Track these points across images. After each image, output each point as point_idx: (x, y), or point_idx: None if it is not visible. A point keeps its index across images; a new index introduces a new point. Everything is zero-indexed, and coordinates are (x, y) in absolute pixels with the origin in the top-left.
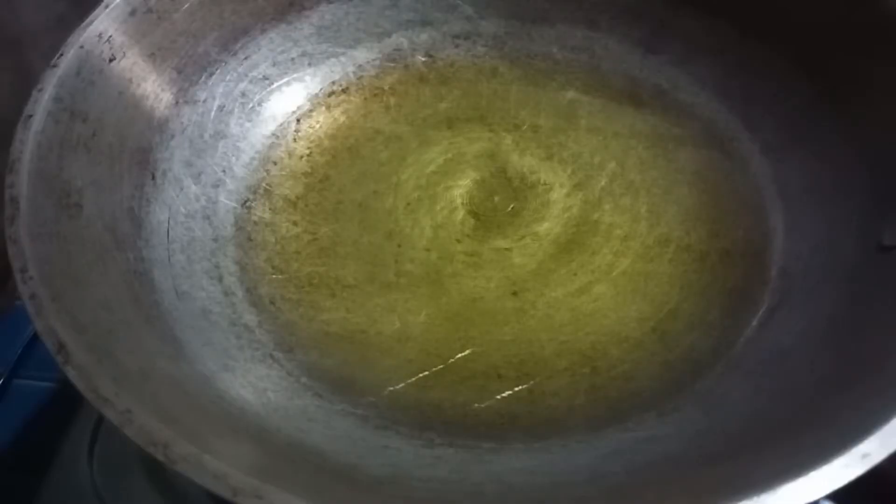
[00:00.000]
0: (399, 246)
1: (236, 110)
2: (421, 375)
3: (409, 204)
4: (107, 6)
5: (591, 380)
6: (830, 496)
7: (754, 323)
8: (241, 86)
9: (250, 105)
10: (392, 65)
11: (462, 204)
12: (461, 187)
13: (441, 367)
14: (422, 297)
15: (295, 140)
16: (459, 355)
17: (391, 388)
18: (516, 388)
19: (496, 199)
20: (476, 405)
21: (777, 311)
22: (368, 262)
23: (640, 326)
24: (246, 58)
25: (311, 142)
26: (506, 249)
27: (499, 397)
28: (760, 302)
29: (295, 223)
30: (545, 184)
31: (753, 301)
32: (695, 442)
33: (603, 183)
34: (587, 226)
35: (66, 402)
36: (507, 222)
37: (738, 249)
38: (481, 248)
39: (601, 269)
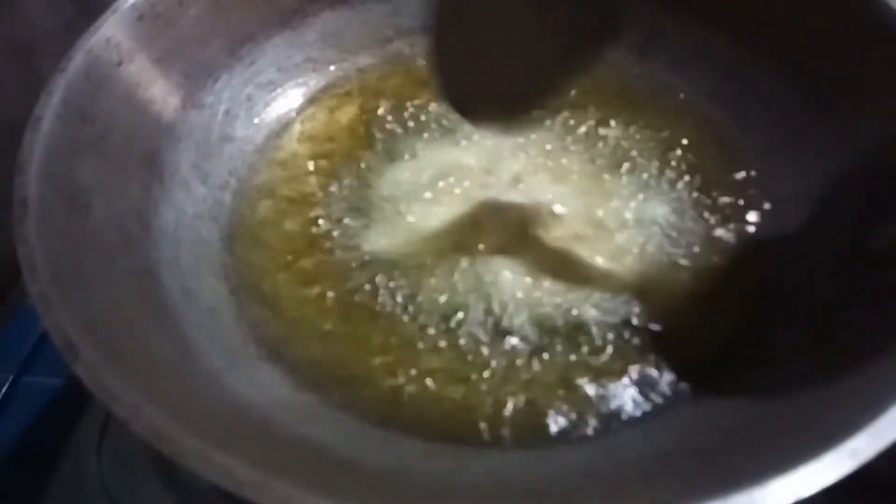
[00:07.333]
0: None
1: (242, 114)
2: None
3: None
4: (115, 11)
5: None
6: (825, 494)
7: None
8: (247, 90)
9: (255, 109)
10: (393, 68)
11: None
12: (462, 186)
13: (443, 364)
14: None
15: (299, 142)
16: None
17: (392, 383)
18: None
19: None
20: (476, 401)
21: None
22: None
23: (635, 325)
24: (252, 63)
25: (315, 143)
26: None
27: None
28: (750, 303)
29: (299, 223)
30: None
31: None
32: (687, 438)
33: (595, 184)
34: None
35: (74, 400)
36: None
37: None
38: (484, 241)
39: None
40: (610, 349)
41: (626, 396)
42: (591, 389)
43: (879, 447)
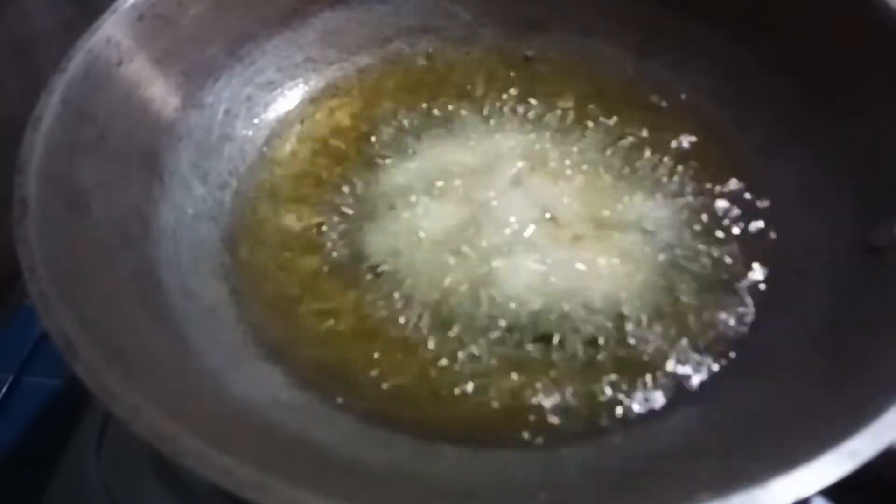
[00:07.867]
0: None
1: (242, 114)
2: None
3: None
4: (115, 11)
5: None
6: (826, 494)
7: (747, 322)
8: (247, 90)
9: (255, 109)
10: (393, 68)
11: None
12: (462, 187)
13: (443, 364)
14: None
15: (299, 142)
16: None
17: (392, 384)
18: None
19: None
20: (476, 401)
21: (769, 311)
22: None
23: (635, 326)
24: (251, 63)
25: (315, 143)
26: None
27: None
28: (752, 302)
29: (298, 223)
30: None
31: (744, 301)
32: (687, 438)
33: (595, 185)
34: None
35: (74, 399)
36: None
37: (728, 251)
38: (484, 242)
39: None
40: (609, 351)
41: (626, 397)
42: (591, 391)
43: (879, 447)
